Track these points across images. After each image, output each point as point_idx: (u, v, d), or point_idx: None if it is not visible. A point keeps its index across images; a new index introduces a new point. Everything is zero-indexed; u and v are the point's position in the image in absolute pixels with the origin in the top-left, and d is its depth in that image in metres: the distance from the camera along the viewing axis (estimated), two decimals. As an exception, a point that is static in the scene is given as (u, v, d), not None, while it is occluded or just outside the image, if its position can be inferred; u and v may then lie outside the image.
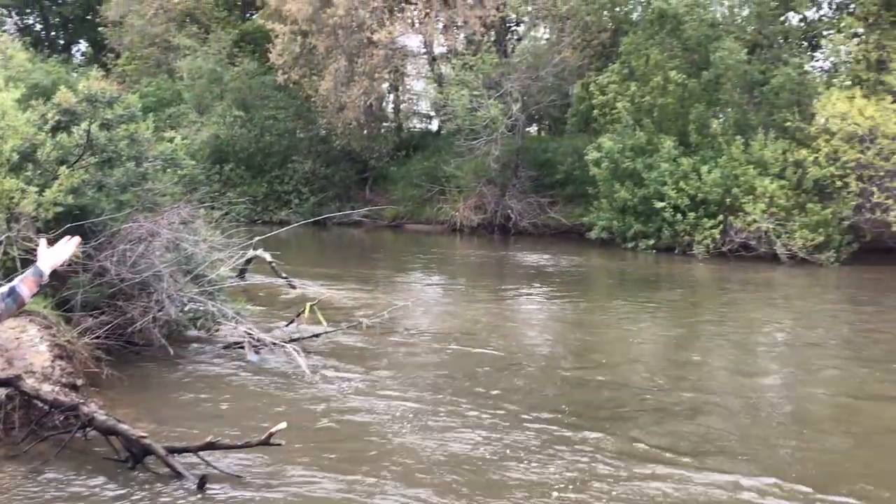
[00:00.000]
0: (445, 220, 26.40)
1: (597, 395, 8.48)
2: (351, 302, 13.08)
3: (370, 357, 9.78)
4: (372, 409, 7.74)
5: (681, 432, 7.28)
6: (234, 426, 6.99)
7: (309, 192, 28.22)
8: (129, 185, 9.61)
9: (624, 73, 23.15)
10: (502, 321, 12.35)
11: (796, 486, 6.06)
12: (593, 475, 6.18)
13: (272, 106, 28.78)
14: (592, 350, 10.55)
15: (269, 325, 10.72)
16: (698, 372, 9.64)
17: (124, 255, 8.91)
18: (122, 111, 9.97)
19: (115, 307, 8.89)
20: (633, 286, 16.62)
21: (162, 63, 32.13)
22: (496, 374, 9.24)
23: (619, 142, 21.58)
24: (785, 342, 11.57)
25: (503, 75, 25.03)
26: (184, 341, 9.76)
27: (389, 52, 26.47)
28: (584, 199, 23.74)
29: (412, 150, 30.42)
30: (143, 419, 7.11)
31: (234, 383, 8.55)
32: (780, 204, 19.44)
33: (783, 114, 20.25)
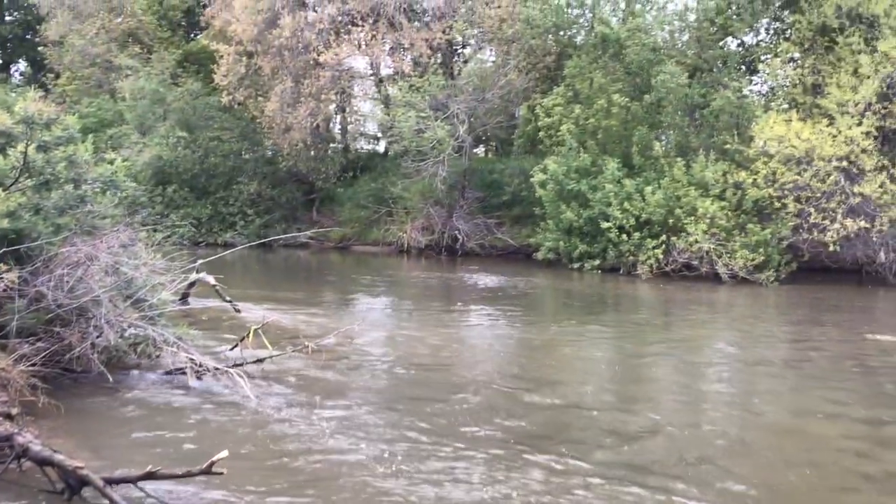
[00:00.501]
0: (393, 241, 26.38)
1: (544, 417, 8.49)
2: (297, 325, 12.93)
3: (316, 381, 9.66)
4: (316, 434, 7.63)
5: (628, 453, 7.32)
6: (176, 455, 6.84)
7: (254, 213, 27.96)
8: (67, 209, 9.38)
9: (569, 96, 23.50)
10: (449, 343, 12.32)
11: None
12: (540, 498, 6.17)
13: (217, 127, 28.51)
14: (540, 371, 10.58)
15: (212, 350, 10.53)
16: (644, 392, 9.73)
17: (62, 280, 8.68)
18: (60, 133, 9.75)
19: (52, 333, 8.64)
20: (580, 307, 16.76)
21: (103, 83, 31.61)
22: (443, 395, 9.20)
23: (563, 164, 21.83)
24: (728, 361, 11.75)
25: (450, 97, 25.20)
26: (124, 368, 9.52)
27: (336, 74, 26.46)
28: (531, 220, 23.95)
29: (359, 172, 30.39)
30: (81, 449, 6.90)
31: (176, 410, 8.36)
32: (720, 224, 19.85)
33: (723, 136, 20.74)
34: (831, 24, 20.61)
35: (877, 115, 18.99)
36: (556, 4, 23.73)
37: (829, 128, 18.99)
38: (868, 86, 18.92)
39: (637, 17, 23.06)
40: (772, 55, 22.23)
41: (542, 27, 24.13)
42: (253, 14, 26.03)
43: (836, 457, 7.48)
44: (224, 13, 28.26)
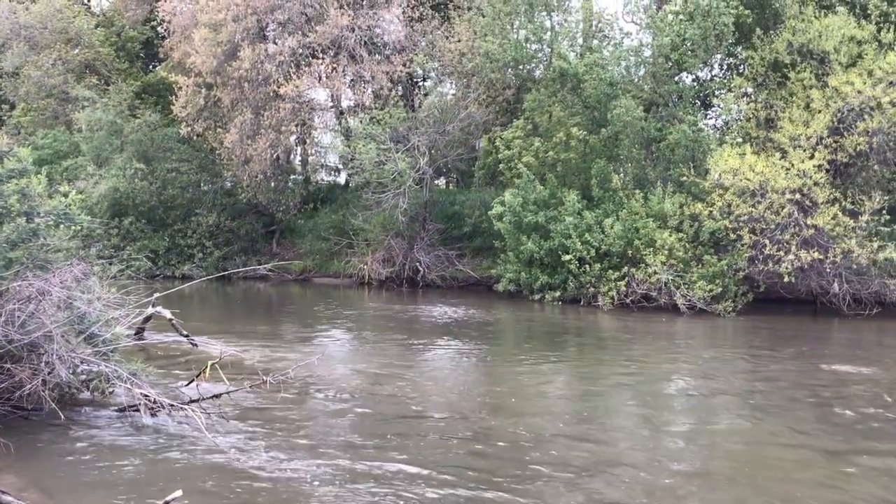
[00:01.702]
0: (353, 273, 26.29)
1: (503, 450, 8.44)
2: (256, 359, 12.77)
3: (274, 417, 9.53)
4: (275, 470, 7.51)
5: (591, 487, 7.30)
6: (129, 494, 6.67)
7: (213, 245, 27.70)
8: (19, 242, 9.21)
9: (528, 129, 23.74)
10: (410, 375, 12.24)
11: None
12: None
13: (175, 158, 28.30)
14: (500, 403, 10.54)
15: (168, 386, 10.35)
16: (605, 424, 9.73)
17: (13, 315, 8.50)
18: (12, 165, 9.59)
19: (1, 370, 8.43)
20: (541, 338, 16.79)
21: (59, 114, 31.24)
22: (403, 429, 9.11)
23: (521, 195, 21.98)
24: (687, 392, 11.82)
25: (410, 129, 25.31)
26: (76, 405, 9.32)
27: (296, 106, 26.43)
28: (492, 252, 24.03)
29: (320, 203, 30.31)
30: (31, 488, 6.73)
31: (130, 448, 8.18)
32: (678, 256, 20.08)
33: (679, 169, 21.04)
34: (783, 59, 21.13)
35: (828, 148, 19.43)
36: (514, 39, 24.01)
37: (783, 161, 19.37)
38: (819, 120, 19.38)
39: (594, 52, 23.42)
40: (725, 90, 22.69)
41: (501, 61, 24.38)
42: (213, 46, 25.95)
43: (796, 487, 7.53)
44: (183, 45, 28.15)
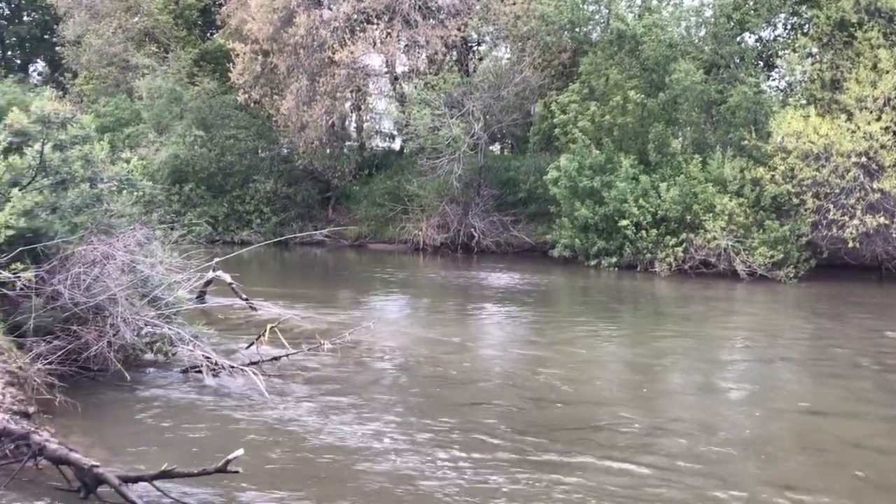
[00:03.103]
0: (408, 239, 26.36)
1: (559, 414, 8.45)
2: (313, 323, 12.94)
3: (332, 380, 9.66)
4: (333, 433, 7.63)
5: (647, 451, 7.26)
6: (191, 453, 6.84)
7: (270, 211, 28.02)
8: (83, 207, 9.43)
9: (584, 93, 23.39)
10: (465, 341, 12.29)
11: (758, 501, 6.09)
12: (553, 495, 6.13)
13: (233, 125, 28.59)
14: (555, 368, 10.52)
15: (228, 348, 10.56)
16: (661, 389, 9.66)
17: (78, 279, 8.71)
18: (76, 132, 9.79)
19: (68, 332, 8.67)
20: (596, 304, 16.68)
21: (120, 82, 31.77)
22: (458, 394, 9.18)
23: (577, 160, 21.74)
24: (747, 359, 11.66)
25: (465, 94, 25.14)
26: (140, 366, 9.56)
27: (351, 72, 26.44)
28: (547, 218, 23.87)
29: (375, 170, 30.38)
30: (97, 447, 6.93)
31: (192, 408, 8.38)
32: (738, 221, 19.70)
33: (740, 132, 20.57)
34: (850, 18, 20.39)
35: (896, 110, 18.80)
36: (571, 1, 23.61)
37: (848, 123, 18.78)
38: (887, 81, 18.71)
39: (653, 13, 22.92)
40: (789, 50, 22.02)
41: (557, 24, 24.02)
42: (268, 12, 26.06)
43: (856, 454, 7.39)
44: (240, 12, 28.32)
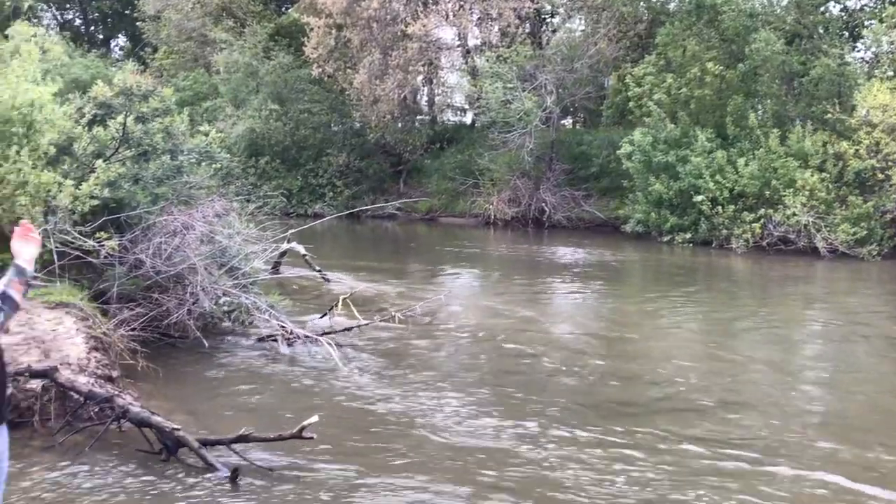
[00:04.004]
0: (479, 213, 26.32)
1: (630, 391, 8.37)
2: (384, 295, 13.07)
3: (403, 351, 9.77)
4: (404, 403, 7.71)
5: (722, 427, 7.16)
6: (267, 419, 7.00)
7: (343, 185, 28.30)
8: (164, 179, 9.67)
9: (660, 65, 22.90)
10: (536, 315, 12.26)
11: (831, 483, 5.94)
12: (623, 471, 6.09)
13: (307, 99, 28.88)
14: (627, 345, 10.43)
15: (302, 319, 10.75)
16: (735, 368, 9.47)
17: (159, 248, 8.97)
18: (157, 105, 10.04)
19: (150, 299, 8.94)
20: (670, 280, 16.43)
21: (199, 57, 32.39)
22: (529, 368, 9.18)
23: (651, 134, 21.35)
24: (825, 338, 11.35)
25: (537, 67, 24.87)
26: (218, 334, 9.80)
27: (423, 45, 26.41)
28: (620, 193, 23.55)
29: (446, 143, 30.37)
30: (177, 411, 7.14)
31: (267, 376, 8.58)
32: (819, 197, 19.12)
33: (823, 105, 19.90)
34: (943, -15, 19.46)
35: None
36: (648, -30, 23.13)
37: (939, 96, 18.00)
38: (984, 51, 17.84)
39: (734, -19, 22.24)
40: (876, 20, 21.11)
41: (633, -6, 23.56)
42: (342, -14, 26.17)
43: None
44: (314, -14, 28.51)
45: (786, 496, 5.76)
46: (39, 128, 8.42)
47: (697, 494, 5.72)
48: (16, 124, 8.26)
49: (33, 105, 8.38)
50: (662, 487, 5.83)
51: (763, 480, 6.00)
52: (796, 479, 6.06)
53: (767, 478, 6.06)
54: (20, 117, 8.29)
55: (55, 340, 7.14)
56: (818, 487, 5.93)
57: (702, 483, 5.91)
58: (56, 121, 8.61)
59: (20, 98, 8.29)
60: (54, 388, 6.49)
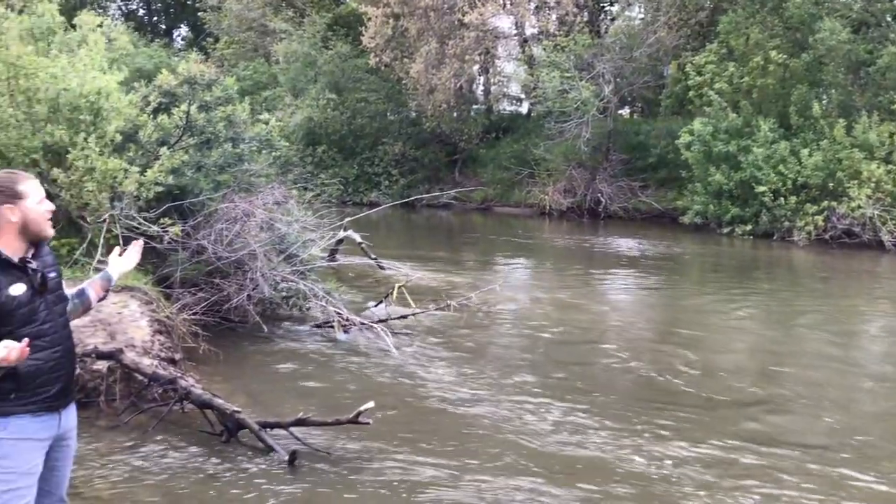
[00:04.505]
0: (534, 203, 26.22)
1: (684, 384, 8.27)
2: (439, 284, 13.12)
3: (458, 339, 9.80)
4: (459, 390, 7.75)
5: (780, 423, 7.04)
6: (323, 404, 7.11)
7: (398, 174, 28.43)
8: (225, 166, 9.84)
9: (722, 54, 22.49)
10: (591, 306, 12.19)
11: None
12: (678, 467, 6.04)
13: (364, 89, 29.06)
14: (683, 337, 10.30)
15: (358, 306, 10.85)
16: (795, 364, 9.29)
17: (221, 234, 9.14)
18: (219, 93, 10.21)
19: (211, 284, 9.11)
20: (728, 272, 16.17)
21: (259, 47, 32.83)
22: (584, 358, 9.14)
23: (712, 124, 20.99)
24: (891, 334, 11.06)
25: (595, 56, 24.63)
26: (277, 319, 9.95)
27: (480, 34, 26.35)
28: (678, 183, 23.24)
29: (502, 133, 30.29)
30: (237, 394, 7.28)
31: (324, 362, 8.69)
32: (886, 189, 18.60)
33: (890, 95, 19.33)
34: None
35: None
36: (710, -43, 22.70)
37: None
38: None
39: (799, -32, 21.69)
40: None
41: (695, -19, 23.17)
42: (400, -25, 26.26)
43: None
44: (372, -25, 28.65)
45: (845, 496, 5.65)
46: (106, 115, 8.62)
47: (758, 495, 5.64)
48: (84, 112, 8.47)
49: (100, 93, 8.58)
50: (720, 486, 5.77)
51: (823, 480, 5.89)
52: (857, 478, 5.93)
53: (828, 477, 5.94)
54: (88, 105, 8.50)
55: (121, 323, 7.33)
56: (881, 485, 5.80)
57: (759, 482, 5.82)
58: (122, 109, 8.80)
59: (88, 86, 8.49)
60: (120, 370, 6.67)
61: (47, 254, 3.62)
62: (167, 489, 5.35)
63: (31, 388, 3.42)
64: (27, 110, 8.26)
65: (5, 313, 3.33)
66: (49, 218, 3.51)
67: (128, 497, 5.20)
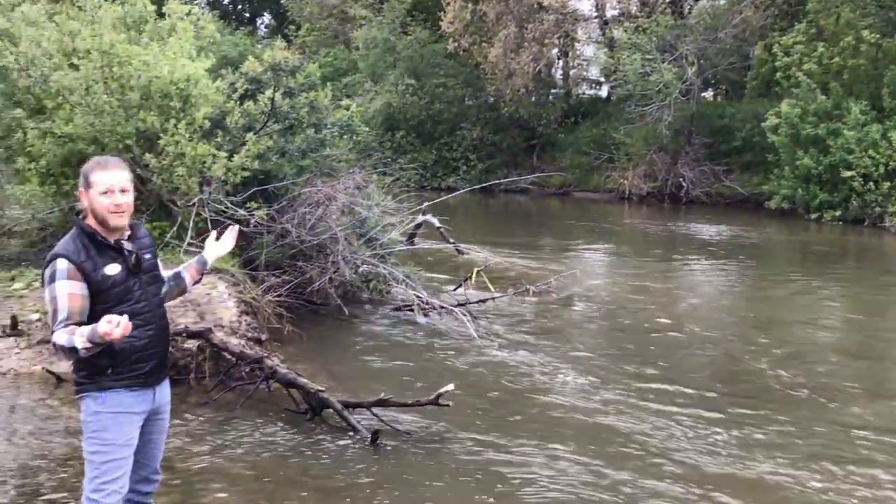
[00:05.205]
0: (614, 188, 25.91)
1: (762, 370, 8.08)
2: (517, 269, 13.11)
3: (536, 324, 9.79)
4: (537, 375, 7.75)
5: (851, 416, 6.82)
6: (403, 385, 7.20)
7: (476, 159, 28.44)
8: (308, 151, 10.01)
9: (811, 34, 21.75)
10: (671, 293, 12.01)
11: None
12: (762, 456, 5.92)
13: (442, 74, 29.12)
14: (767, 327, 10.06)
15: (436, 289, 10.93)
16: (885, 356, 8.98)
17: (304, 218, 9.33)
18: (303, 79, 10.39)
19: (295, 267, 9.31)
20: (816, 260, 15.70)
21: (339, 34, 33.21)
22: (664, 345, 9.03)
23: (800, 106, 20.34)
24: None
25: (678, 38, 24.13)
26: (357, 302, 10.11)
27: (560, 17, 26.11)
28: (763, 168, 22.63)
29: (580, 117, 29.99)
30: (320, 374, 7.43)
31: (404, 344, 8.80)
32: None
33: None
34: None
35: None
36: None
37: None
38: None
39: (895, -58, 20.81)
40: None
41: (783, -42, 22.44)
42: (479, -41, 26.18)
43: None
44: (451, -41, 28.62)
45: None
46: (195, 102, 8.87)
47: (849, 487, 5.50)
48: (174, 98, 8.74)
49: (189, 80, 8.83)
50: (802, 478, 5.64)
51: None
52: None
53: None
54: (178, 92, 8.76)
55: (209, 304, 7.57)
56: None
57: (853, 474, 5.67)
58: (210, 95, 9.03)
59: (178, 74, 8.75)
60: (209, 349, 6.89)
61: (144, 236, 3.77)
62: (254, 463, 5.52)
63: (126, 365, 3.57)
64: (120, 97, 8.55)
65: (101, 292, 3.49)
66: (115, 211, 3.52)
67: (217, 470, 5.38)
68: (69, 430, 5.83)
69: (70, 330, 3.34)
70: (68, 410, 6.13)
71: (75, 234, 3.54)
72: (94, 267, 3.47)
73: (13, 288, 8.23)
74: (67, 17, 9.04)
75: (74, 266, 3.44)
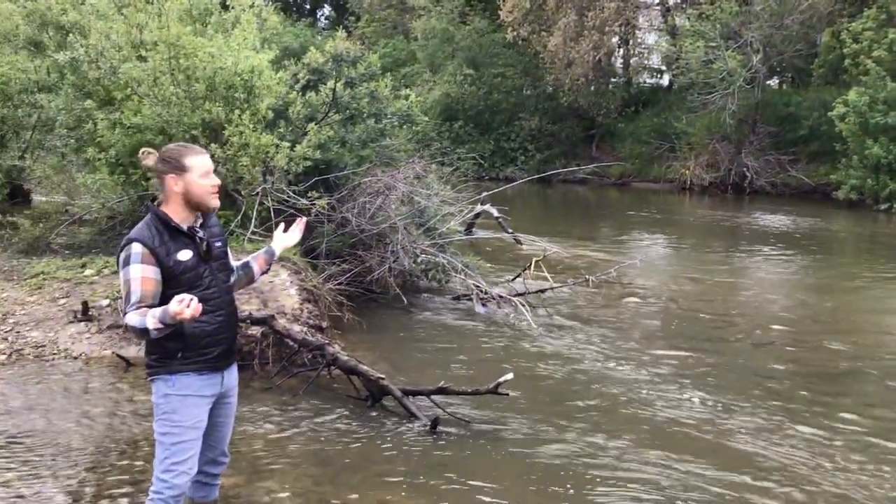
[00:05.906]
0: (675, 178, 25.57)
1: (825, 365, 7.91)
2: (576, 259, 13.04)
3: (596, 315, 9.73)
4: (596, 365, 7.71)
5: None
6: (462, 374, 7.24)
7: (535, 149, 28.32)
8: (368, 141, 10.10)
9: (881, 19, 21.14)
10: (734, 284, 11.81)
11: None
12: (826, 457, 5.80)
13: (501, 63, 29.04)
14: (833, 320, 9.83)
15: (495, 279, 10.93)
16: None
17: (364, 208, 9.41)
18: (363, 70, 10.46)
19: (355, 256, 9.41)
20: (885, 252, 15.26)
21: (398, 24, 33.36)
22: (726, 339, 8.89)
23: (869, 94, 19.76)
24: None
25: (743, 24, 23.65)
26: (416, 291, 10.17)
27: (621, 5, 25.80)
28: (831, 157, 22.09)
29: (641, 106, 29.63)
30: (379, 362, 7.50)
31: (462, 333, 8.83)
32: None
33: None
34: None
35: None
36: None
37: None
38: None
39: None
40: None
41: (854, -58, 21.81)
42: (538, -52, 25.99)
43: None
44: (510, -52, 28.47)
45: None
46: (258, 93, 9.00)
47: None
48: (238, 89, 8.88)
49: (253, 71, 8.96)
50: (861, 481, 5.52)
51: None
52: None
53: None
54: (242, 83, 8.90)
55: (272, 291, 7.70)
56: None
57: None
58: (273, 86, 9.16)
59: (242, 65, 8.89)
60: (272, 335, 7.02)
61: (215, 224, 3.86)
62: (316, 448, 5.61)
63: (195, 349, 3.67)
64: (186, 88, 8.73)
65: (173, 277, 3.59)
66: (214, 192, 3.71)
67: (280, 453, 5.48)
68: (138, 412, 6.00)
69: (142, 312, 3.45)
70: (137, 394, 6.32)
71: (150, 219, 3.64)
72: (168, 252, 3.57)
73: (84, 274, 8.49)
74: (135, 9, 9.24)
75: (149, 250, 3.54)
